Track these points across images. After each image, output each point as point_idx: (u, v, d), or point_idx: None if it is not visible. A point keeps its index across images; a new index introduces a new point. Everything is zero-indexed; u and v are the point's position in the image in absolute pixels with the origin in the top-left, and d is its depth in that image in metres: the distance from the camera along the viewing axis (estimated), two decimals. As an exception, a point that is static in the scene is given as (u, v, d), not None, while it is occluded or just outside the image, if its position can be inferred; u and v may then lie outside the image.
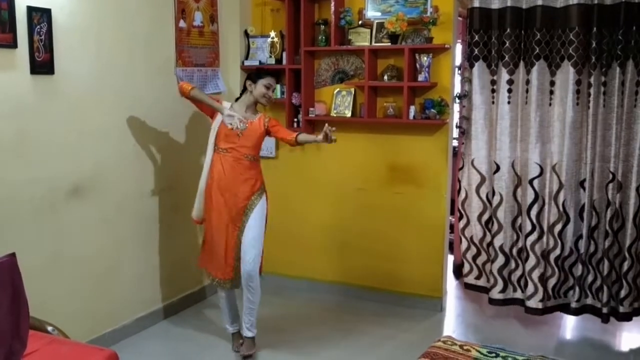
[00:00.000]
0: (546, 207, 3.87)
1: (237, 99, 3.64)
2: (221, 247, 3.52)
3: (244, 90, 3.58)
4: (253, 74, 3.55)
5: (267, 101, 3.54)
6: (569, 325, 4.12)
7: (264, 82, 3.48)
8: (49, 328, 2.63)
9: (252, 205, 3.50)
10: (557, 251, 3.86)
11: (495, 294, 4.07)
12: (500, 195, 3.99)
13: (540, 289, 3.91)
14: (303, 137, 3.55)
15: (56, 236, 3.30)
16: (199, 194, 3.60)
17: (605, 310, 3.77)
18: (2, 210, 2.99)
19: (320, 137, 3.42)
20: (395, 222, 4.37)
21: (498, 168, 3.98)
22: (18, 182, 3.07)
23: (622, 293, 3.70)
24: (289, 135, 3.55)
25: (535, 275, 3.92)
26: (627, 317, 3.75)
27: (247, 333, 3.60)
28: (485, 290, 4.19)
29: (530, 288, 3.94)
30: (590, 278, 3.85)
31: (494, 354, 2.55)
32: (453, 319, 4.29)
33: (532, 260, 3.93)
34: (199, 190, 3.60)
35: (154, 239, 3.99)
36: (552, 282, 3.90)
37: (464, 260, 4.24)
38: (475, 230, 4.14)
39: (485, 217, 4.10)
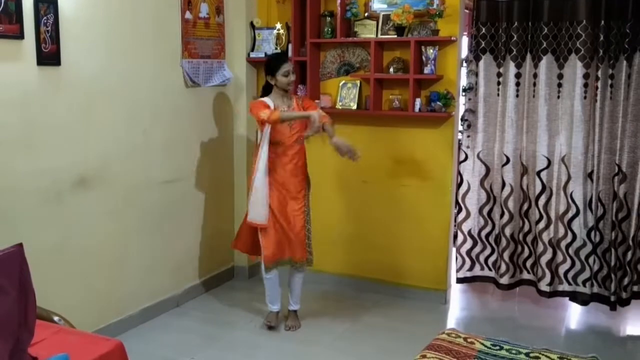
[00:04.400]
0: (554, 197, 3.93)
1: (262, 96, 3.74)
2: (291, 232, 3.70)
3: (269, 85, 3.71)
4: (268, 68, 3.68)
5: (291, 86, 3.73)
6: (574, 318, 4.12)
7: (281, 72, 3.63)
8: (56, 318, 2.64)
9: (308, 193, 3.80)
10: (568, 239, 3.92)
11: (507, 279, 4.13)
12: (511, 187, 4.03)
13: (548, 273, 3.99)
14: (328, 127, 3.71)
15: (63, 226, 3.32)
16: (259, 194, 3.62)
17: (613, 298, 3.83)
18: (9, 200, 3.01)
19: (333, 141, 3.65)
20: (400, 215, 4.37)
21: (508, 160, 4.00)
22: (24, 173, 3.08)
23: (626, 280, 3.77)
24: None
25: (544, 260, 3.99)
26: (627, 302, 3.83)
27: (296, 307, 3.91)
28: (479, 279, 4.26)
29: (539, 272, 4.02)
30: (596, 267, 3.91)
31: (498, 347, 2.56)
32: (457, 312, 4.30)
33: (540, 247, 4.00)
34: (257, 191, 3.62)
35: (160, 230, 4.00)
36: (564, 268, 3.96)
37: (458, 255, 4.27)
38: (475, 222, 4.18)
39: (488, 207, 4.15)
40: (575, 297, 4.01)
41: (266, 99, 3.67)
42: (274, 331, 3.81)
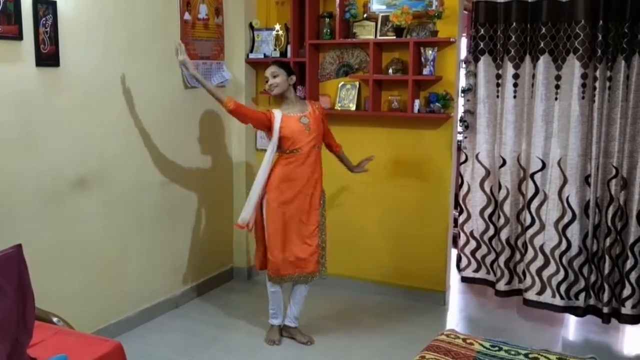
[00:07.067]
0: (548, 201, 3.84)
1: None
2: (296, 244, 3.53)
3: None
4: None
5: (269, 90, 3.54)
6: (572, 320, 4.10)
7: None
8: (54, 319, 2.64)
9: (322, 203, 3.63)
10: (562, 248, 3.82)
11: (502, 286, 4.06)
12: (507, 189, 3.98)
13: (538, 282, 3.89)
14: (343, 156, 3.84)
15: (61, 227, 3.31)
16: (252, 198, 3.53)
17: (606, 310, 3.72)
18: (7, 201, 3.01)
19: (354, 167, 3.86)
20: (399, 216, 4.37)
21: (504, 162, 3.97)
22: (23, 174, 3.08)
23: (625, 294, 3.63)
24: (336, 144, 3.78)
25: (533, 268, 3.90)
26: (631, 320, 3.66)
27: (295, 322, 3.73)
28: (484, 282, 4.21)
29: (528, 280, 3.93)
30: (592, 277, 3.82)
31: (497, 348, 2.56)
32: (456, 313, 4.30)
33: (530, 253, 3.91)
34: (252, 195, 3.53)
35: (158, 231, 4.00)
36: (557, 279, 3.84)
37: (462, 255, 4.25)
38: (476, 224, 4.14)
39: (489, 210, 4.10)
40: (568, 310, 3.89)
41: (275, 109, 3.52)
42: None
